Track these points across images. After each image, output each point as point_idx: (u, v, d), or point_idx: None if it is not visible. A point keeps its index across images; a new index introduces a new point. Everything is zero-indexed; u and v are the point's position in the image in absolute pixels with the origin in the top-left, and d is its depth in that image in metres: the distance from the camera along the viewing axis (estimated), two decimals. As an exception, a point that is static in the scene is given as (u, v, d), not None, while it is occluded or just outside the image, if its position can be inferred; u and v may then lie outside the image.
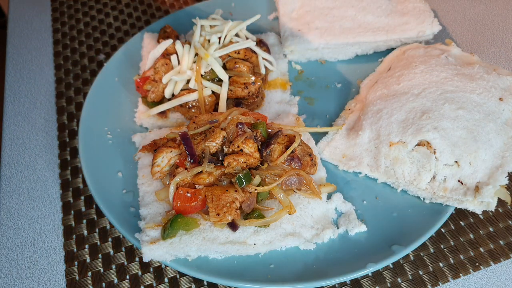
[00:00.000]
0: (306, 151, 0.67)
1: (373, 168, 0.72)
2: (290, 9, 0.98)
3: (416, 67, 0.79)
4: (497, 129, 0.69)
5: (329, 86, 0.89)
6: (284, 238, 0.63)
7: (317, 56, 0.94)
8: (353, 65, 0.92)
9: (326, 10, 0.96)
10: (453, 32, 1.02)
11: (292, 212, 0.62)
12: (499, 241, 0.67)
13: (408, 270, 0.64)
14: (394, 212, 0.68)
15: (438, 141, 0.67)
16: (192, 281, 0.64)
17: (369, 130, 0.73)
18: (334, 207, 0.68)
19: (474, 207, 0.65)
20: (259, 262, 0.63)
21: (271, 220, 0.62)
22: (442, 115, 0.69)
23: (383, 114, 0.73)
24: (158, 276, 0.65)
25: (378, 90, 0.79)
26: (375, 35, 0.91)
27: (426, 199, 0.68)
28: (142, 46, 0.93)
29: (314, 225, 0.65)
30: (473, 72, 0.76)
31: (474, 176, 0.66)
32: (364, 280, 0.63)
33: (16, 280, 0.66)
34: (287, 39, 0.92)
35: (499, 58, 0.96)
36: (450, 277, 0.64)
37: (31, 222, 0.73)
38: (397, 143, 0.69)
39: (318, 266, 0.62)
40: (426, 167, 0.67)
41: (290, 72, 0.92)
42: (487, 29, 1.02)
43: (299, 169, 0.64)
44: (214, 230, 0.63)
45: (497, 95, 0.73)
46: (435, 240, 0.67)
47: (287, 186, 0.64)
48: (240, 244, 0.62)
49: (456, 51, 0.83)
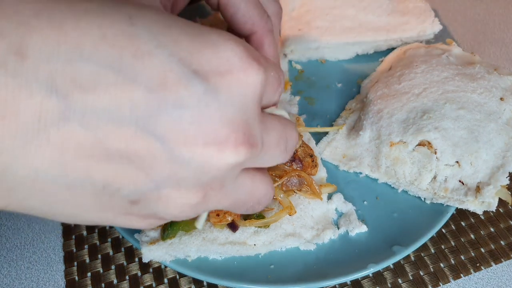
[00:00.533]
0: (308, 152, 0.67)
1: (373, 168, 0.71)
2: (290, 8, 0.98)
3: (417, 66, 0.79)
4: (498, 129, 0.68)
5: (330, 85, 0.89)
6: (284, 239, 0.63)
7: (317, 56, 0.93)
8: (354, 65, 0.92)
9: (327, 10, 0.96)
10: (454, 32, 1.02)
11: (293, 212, 0.62)
12: (500, 242, 0.67)
13: (409, 270, 0.64)
14: (395, 213, 0.68)
15: (439, 141, 0.67)
16: (191, 281, 0.64)
17: (369, 130, 0.73)
18: (334, 208, 0.68)
19: (475, 208, 0.65)
20: (259, 263, 0.62)
21: (271, 220, 0.62)
22: (443, 115, 0.69)
23: (384, 114, 0.73)
24: (157, 277, 0.65)
25: (378, 90, 0.78)
26: (375, 34, 0.90)
27: (427, 200, 0.68)
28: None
29: (314, 226, 0.65)
30: (474, 71, 0.76)
31: (475, 176, 0.66)
32: (364, 280, 0.63)
33: (16, 280, 0.66)
34: (287, 39, 0.92)
35: (500, 57, 0.95)
36: (451, 277, 0.63)
37: (30, 222, 0.73)
38: (397, 143, 0.69)
39: (318, 267, 0.62)
40: (427, 167, 0.67)
41: (290, 71, 0.92)
42: (488, 29, 1.02)
43: (300, 170, 0.64)
44: (214, 231, 0.62)
45: (498, 95, 0.73)
46: (436, 241, 0.67)
47: (288, 187, 0.64)
48: (240, 244, 0.62)
49: (457, 50, 0.83)
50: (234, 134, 0.31)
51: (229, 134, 0.31)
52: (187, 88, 0.29)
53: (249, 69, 0.32)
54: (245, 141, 0.32)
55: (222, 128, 0.31)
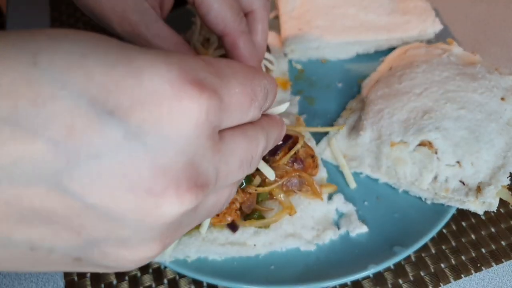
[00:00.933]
0: (309, 152, 0.66)
1: (374, 169, 0.71)
2: (290, 8, 0.98)
3: (417, 66, 0.78)
4: (499, 129, 0.68)
5: (330, 85, 0.88)
6: (285, 239, 0.62)
7: (318, 55, 0.93)
8: (354, 64, 0.92)
9: (327, 9, 0.95)
10: (455, 31, 1.01)
11: (293, 213, 0.62)
12: (501, 242, 0.67)
13: (410, 271, 0.64)
14: (396, 213, 0.67)
15: (439, 141, 0.66)
16: (191, 282, 0.64)
17: (370, 130, 0.72)
18: (335, 208, 0.68)
19: (476, 208, 0.65)
20: (259, 263, 0.62)
21: (271, 221, 0.62)
22: (444, 115, 0.69)
23: (385, 114, 0.73)
24: (157, 277, 0.65)
25: (379, 90, 0.78)
26: (376, 34, 0.90)
27: (428, 200, 0.68)
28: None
29: (315, 226, 0.65)
30: (475, 71, 0.76)
31: (476, 177, 0.66)
32: (365, 281, 0.63)
33: (15, 281, 0.66)
34: (287, 38, 0.91)
35: (501, 57, 0.95)
36: (451, 278, 0.63)
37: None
38: (398, 143, 0.69)
39: (319, 267, 0.62)
40: (428, 167, 0.67)
41: (291, 71, 0.91)
42: (489, 28, 1.02)
43: (301, 171, 0.64)
44: (213, 231, 0.62)
45: (499, 94, 0.73)
46: (436, 241, 0.67)
47: (288, 188, 0.64)
48: (240, 245, 0.61)
49: (458, 50, 0.83)
50: (173, 183, 0.26)
51: (166, 184, 0.26)
52: (101, 134, 0.24)
53: (184, 97, 0.26)
54: (191, 187, 0.27)
55: (155, 178, 0.26)
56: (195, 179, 0.28)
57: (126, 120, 0.25)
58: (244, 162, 0.34)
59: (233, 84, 0.31)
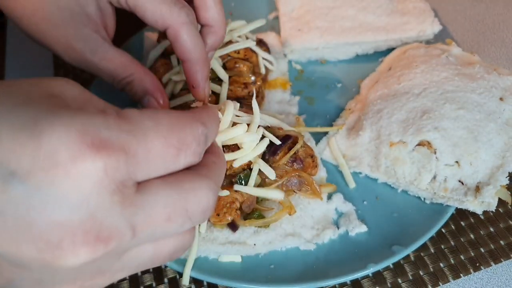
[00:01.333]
0: (308, 152, 0.67)
1: (373, 168, 0.71)
2: (290, 9, 0.98)
3: (416, 66, 0.79)
4: (497, 129, 0.69)
5: (329, 86, 0.89)
6: (284, 239, 0.63)
7: (317, 56, 0.93)
8: (354, 65, 0.92)
9: (326, 10, 0.96)
10: (454, 32, 1.02)
11: (292, 212, 0.62)
12: (500, 241, 0.67)
13: (409, 270, 0.64)
14: (395, 212, 0.68)
15: (438, 141, 0.67)
16: (191, 281, 0.64)
17: (369, 130, 0.73)
18: (334, 208, 0.68)
19: (474, 207, 0.65)
20: (259, 263, 0.62)
21: (271, 220, 0.62)
22: (443, 115, 0.69)
23: (384, 114, 0.73)
24: (157, 277, 0.65)
25: (378, 90, 0.79)
26: (375, 34, 0.91)
27: (427, 199, 0.68)
28: (142, 46, 0.92)
29: (314, 226, 0.65)
30: (474, 72, 0.76)
31: (475, 176, 0.66)
32: (364, 280, 0.63)
33: (16, 280, 0.66)
34: (287, 39, 0.92)
35: (500, 57, 0.95)
36: (450, 277, 0.63)
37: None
38: (397, 143, 0.69)
39: (318, 267, 0.62)
40: (427, 167, 0.67)
41: (290, 71, 0.92)
42: (488, 29, 1.02)
43: (300, 171, 0.64)
44: (214, 231, 0.62)
45: (497, 95, 0.73)
46: (435, 240, 0.67)
47: (288, 187, 0.64)
48: (240, 244, 0.62)
49: (456, 50, 0.83)
50: (68, 236, 0.28)
51: (62, 237, 0.28)
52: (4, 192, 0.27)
53: (79, 158, 0.28)
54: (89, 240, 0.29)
55: (52, 231, 0.28)
56: (97, 232, 0.29)
57: (26, 181, 0.27)
58: (173, 215, 0.33)
59: (151, 137, 0.32)
